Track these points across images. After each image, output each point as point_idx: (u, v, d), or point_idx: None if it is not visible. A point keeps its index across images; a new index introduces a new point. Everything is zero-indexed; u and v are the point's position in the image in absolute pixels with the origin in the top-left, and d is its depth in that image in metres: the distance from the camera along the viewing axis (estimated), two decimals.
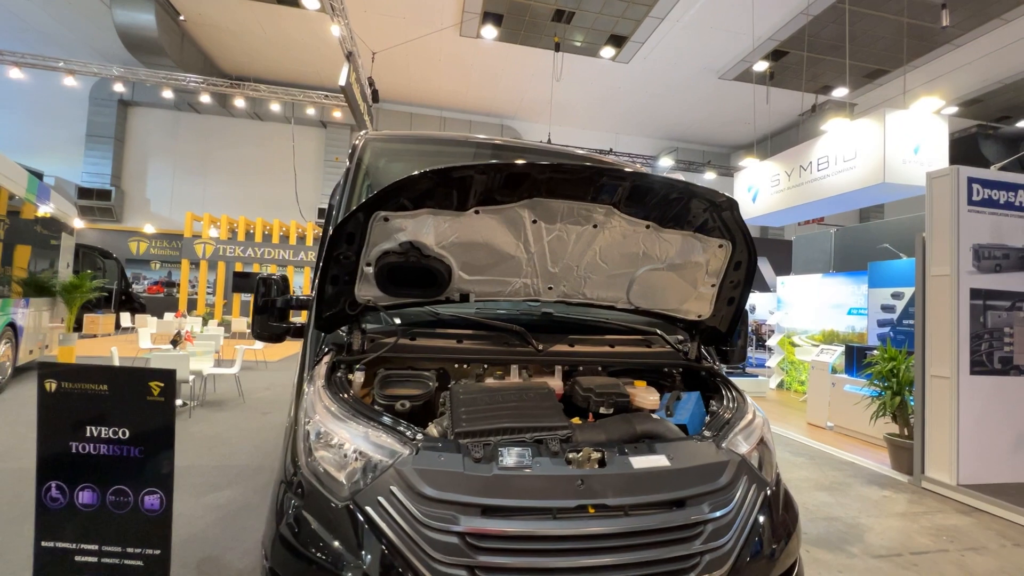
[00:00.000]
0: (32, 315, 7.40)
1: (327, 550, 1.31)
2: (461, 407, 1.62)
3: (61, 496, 1.65)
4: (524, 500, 1.33)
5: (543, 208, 1.69)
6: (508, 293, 1.96)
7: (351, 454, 1.43)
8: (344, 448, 1.44)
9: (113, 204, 18.44)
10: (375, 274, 1.76)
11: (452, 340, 2.01)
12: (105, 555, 1.65)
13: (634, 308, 2.08)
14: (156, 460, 1.64)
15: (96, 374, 1.64)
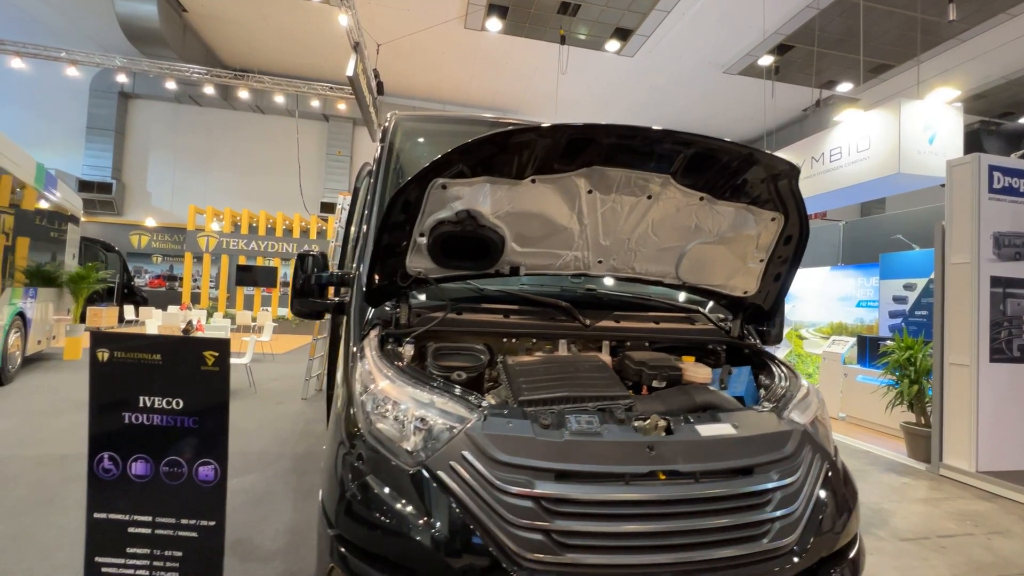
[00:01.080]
0: (40, 306, 7.35)
1: (399, 514, 1.30)
2: (519, 377, 1.61)
3: (114, 467, 1.63)
4: (597, 465, 1.32)
5: (600, 177, 1.68)
6: (558, 266, 1.95)
7: (417, 421, 1.41)
8: (409, 415, 1.43)
9: (114, 197, 18.32)
10: (428, 245, 1.74)
11: (499, 315, 2.00)
12: (159, 526, 1.63)
13: (681, 283, 2.07)
14: (210, 430, 1.62)
15: (149, 343, 1.62)
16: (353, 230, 2.97)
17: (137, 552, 1.63)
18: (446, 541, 1.24)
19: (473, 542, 1.23)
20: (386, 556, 1.30)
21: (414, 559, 1.27)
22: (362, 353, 1.73)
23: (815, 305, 8.93)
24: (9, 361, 6.27)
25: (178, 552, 1.63)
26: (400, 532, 1.28)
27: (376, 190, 2.42)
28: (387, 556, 1.30)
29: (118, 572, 1.63)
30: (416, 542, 1.26)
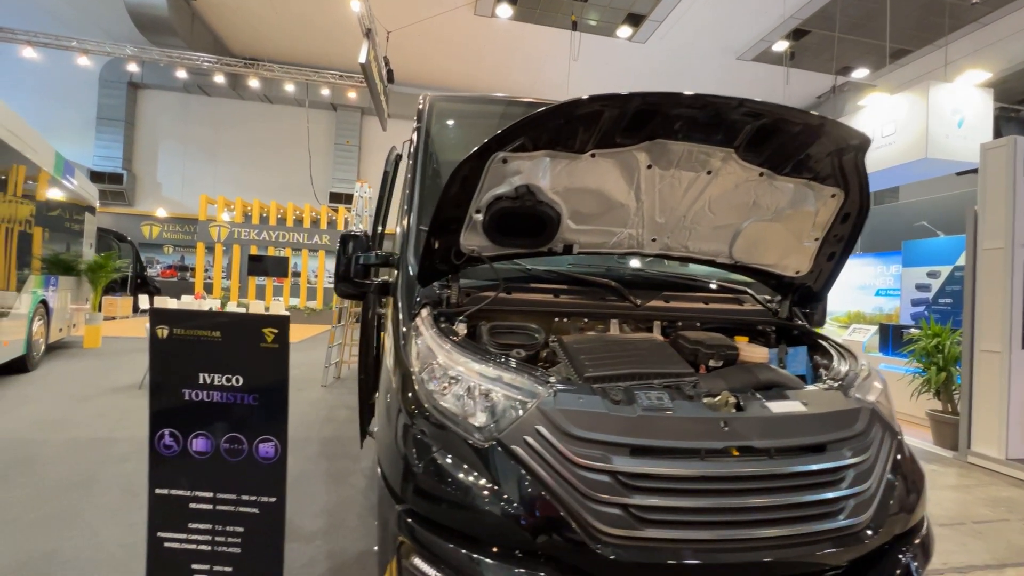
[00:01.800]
0: (60, 294, 7.41)
1: (474, 489, 1.29)
2: (580, 355, 1.59)
3: (175, 443, 1.63)
4: (672, 441, 1.30)
5: (661, 151, 1.64)
6: (611, 244, 1.92)
7: (485, 396, 1.40)
8: (476, 391, 1.42)
9: (125, 188, 18.39)
10: (483, 222, 1.71)
11: (548, 295, 1.98)
12: (220, 502, 1.64)
13: (733, 263, 2.03)
14: (270, 408, 1.62)
15: (208, 320, 1.61)
16: (396, 212, 2.94)
17: (199, 527, 1.64)
18: (524, 515, 1.24)
19: (552, 516, 1.22)
20: (460, 529, 1.30)
21: (491, 532, 1.27)
22: (418, 331, 1.72)
23: (832, 294, 8.84)
24: (34, 348, 6.34)
25: (239, 528, 1.64)
26: (476, 506, 1.28)
27: (417, 170, 2.39)
28: (461, 529, 1.30)
29: (180, 547, 1.64)
30: (493, 516, 1.25)
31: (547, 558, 1.24)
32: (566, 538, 1.21)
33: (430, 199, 2.33)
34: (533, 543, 1.23)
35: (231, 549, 1.64)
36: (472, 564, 1.25)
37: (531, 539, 1.23)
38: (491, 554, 1.25)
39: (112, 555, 2.37)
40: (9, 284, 5.56)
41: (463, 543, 1.30)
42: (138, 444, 3.89)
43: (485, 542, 1.28)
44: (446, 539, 1.31)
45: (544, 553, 1.24)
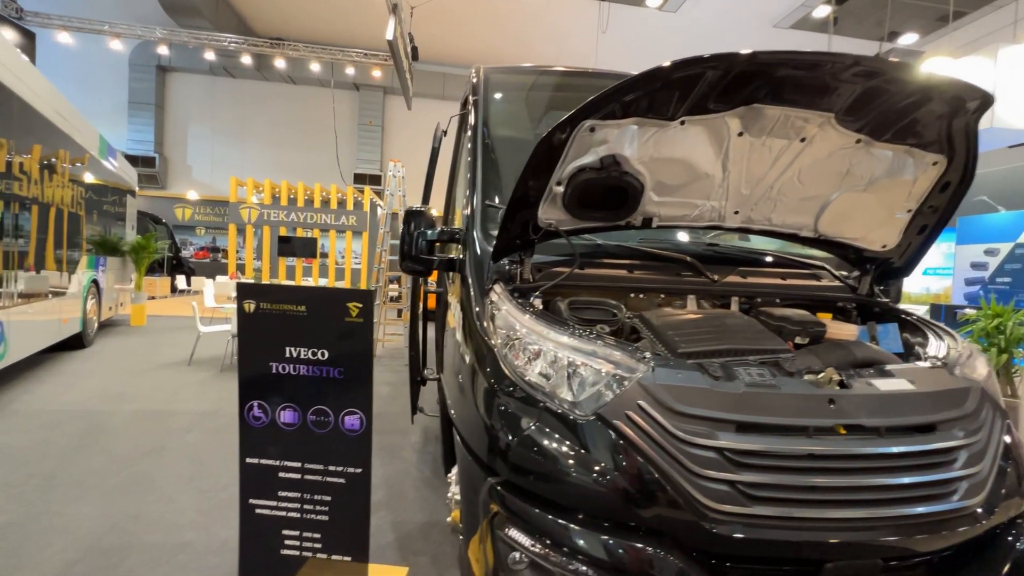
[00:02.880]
0: (108, 275, 7.69)
1: (573, 463, 1.29)
2: (668, 330, 1.56)
3: (263, 415, 1.67)
4: (778, 418, 1.26)
5: (755, 117, 1.56)
6: (692, 218, 1.86)
7: (580, 370, 1.38)
8: (570, 364, 1.40)
9: (157, 171, 18.83)
10: (564, 194, 1.67)
11: (622, 270, 1.94)
12: (308, 472, 1.68)
13: (816, 236, 1.95)
14: (355, 381, 1.64)
15: (294, 295, 1.62)
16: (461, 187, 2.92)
17: (288, 495, 1.69)
18: (630, 490, 1.23)
19: (659, 491, 1.21)
20: (559, 502, 1.30)
21: (593, 505, 1.27)
22: (498, 306, 1.70)
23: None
24: (88, 326, 6.63)
25: (327, 496, 1.68)
26: (578, 480, 1.27)
27: (478, 145, 2.35)
28: (561, 502, 1.30)
29: (271, 513, 1.70)
30: (596, 489, 1.25)
31: (649, 531, 1.24)
32: (674, 513, 1.20)
33: (493, 174, 2.29)
34: (640, 517, 1.22)
35: (319, 517, 1.69)
36: (573, 535, 1.26)
37: (638, 513, 1.22)
38: (591, 525, 1.25)
39: (192, 520, 2.49)
40: (65, 265, 5.78)
41: (561, 514, 1.30)
42: (197, 417, 4.05)
43: (585, 514, 1.28)
44: (544, 510, 1.31)
45: (648, 527, 1.23)
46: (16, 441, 3.39)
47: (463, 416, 1.73)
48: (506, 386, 1.49)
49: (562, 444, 1.32)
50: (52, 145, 5.28)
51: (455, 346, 2.07)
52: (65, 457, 3.17)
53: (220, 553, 2.22)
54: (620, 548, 1.22)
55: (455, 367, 2.01)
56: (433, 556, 2.28)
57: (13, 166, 4.29)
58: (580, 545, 1.25)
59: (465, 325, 1.90)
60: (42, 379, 4.98)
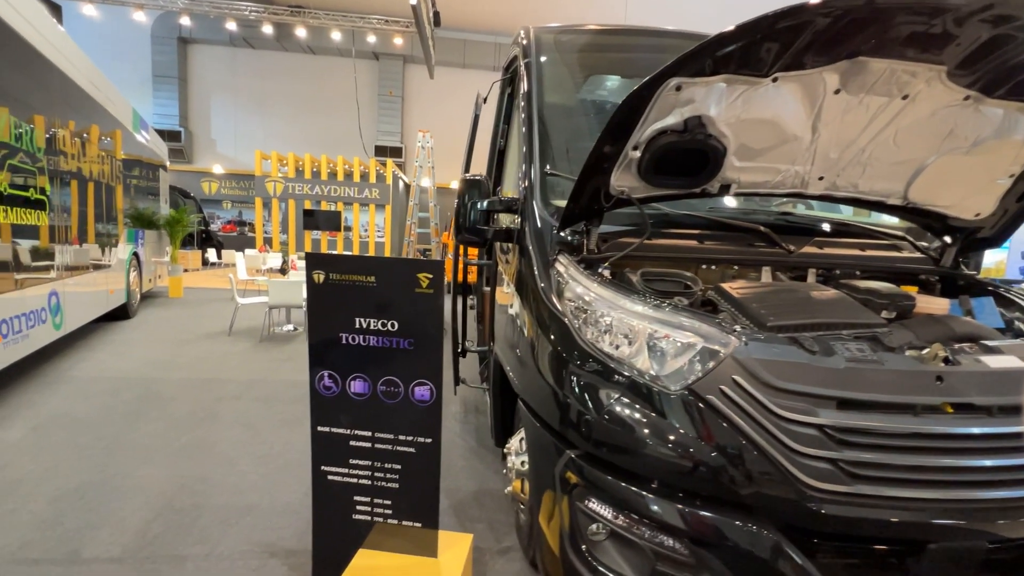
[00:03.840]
0: (147, 247, 7.89)
1: (663, 437, 1.26)
2: (752, 303, 1.48)
3: (334, 385, 1.68)
4: (882, 395, 1.20)
5: (857, 72, 1.43)
6: (773, 184, 1.76)
7: (666, 343, 1.34)
8: (655, 337, 1.36)
9: (183, 145, 19.03)
10: (640, 159, 1.58)
11: (692, 240, 1.86)
12: (379, 441, 1.70)
13: (904, 204, 1.82)
14: (426, 352, 1.63)
15: (364, 265, 1.60)
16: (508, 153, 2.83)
17: (359, 463, 1.72)
18: (725, 466, 1.19)
19: (756, 469, 1.18)
20: (646, 476, 1.28)
21: (684, 481, 1.24)
22: (567, 277, 1.66)
23: None
24: (132, 298, 6.86)
25: (397, 465, 1.70)
26: (667, 455, 1.25)
27: (533, 110, 2.25)
28: (649, 476, 1.28)
29: (342, 480, 1.73)
30: (689, 466, 1.22)
31: (740, 505, 1.21)
32: (772, 489, 1.17)
33: (550, 141, 2.20)
34: (735, 493, 1.19)
35: (389, 484, 1.72)
36: (661, 508, 1.24)
37: (734, 489, 1.19)
38: (679, 499, 1.23)
39: (254, 483, 2.59)
40: (109, 239, 5.94)
41: (645, 487, 1.29)
42: (244, 385, 4.18)
43: (672, 488, 1.26)
44: (627, 483, 1.30)
45: (742, 502, 1.20)
46: (80, 407, 3.55)
47: (531, 389, 1.71)
48: (583, 359, 1.46)
49: (650, 418, 1.28)
50: (91, 118, 5.33)
51: (513, 318, 2.04)
52: (127, 422, 3.31)
53: (285, 515, 2.30)
54: (712, 522, 1.20)
55: (513, 340, 1.99)
56: (489, 523, 2.32)
57: (57, 140, 4.36)
58: (668, 518, 1.23)
59: (528, 297, 1.86)
60: (95, 348, 5.19)
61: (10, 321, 3.55)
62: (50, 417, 3.35)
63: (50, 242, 4.21)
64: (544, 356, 1.64)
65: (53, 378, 4.15)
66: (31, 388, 3.88)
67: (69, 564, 1.90)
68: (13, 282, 3.59)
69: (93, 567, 1.89)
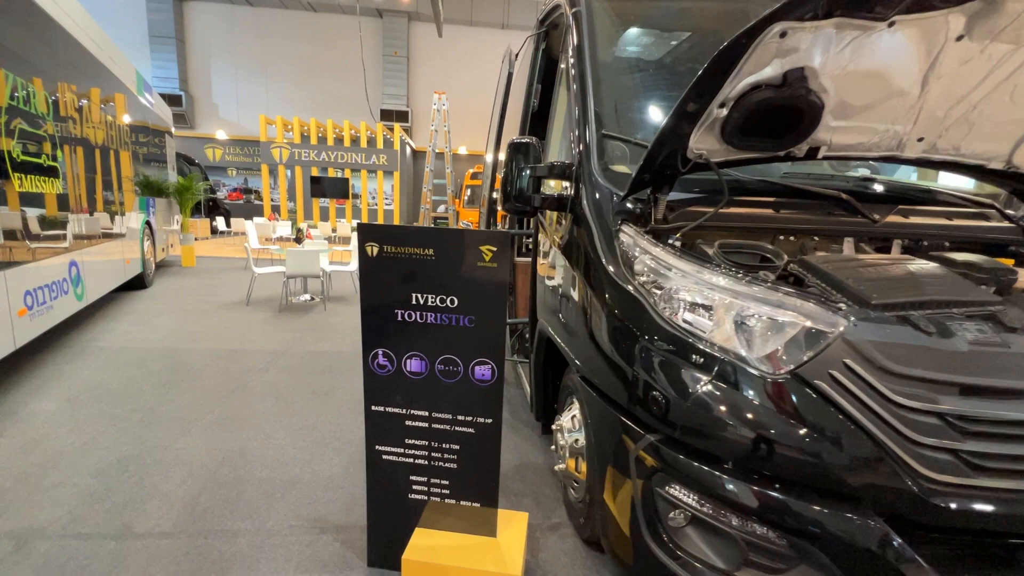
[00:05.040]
0: (158, 216, 7.77)
1: (760, 425, 1.17)
2: (849, 278, 1.36)
3: (388, 364, 1.60)
4: (1011, 380, 1.09)
5: (987, 15, 1.25)
6: (866, 146, 1.60)
7: (760, 323, 1.23)
8: (748, 316, 1.25)
9: (185, 110, 18.56)
10: (726, 118, 1.42)
11: (767, 208, 1.72)
12: (436, 421, 1.64)
13: (1006, 168, 1.66)
14: (488, 330, 1.54)
15: (422, 237, 1.49)
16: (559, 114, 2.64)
17: (415, 443, 1.66)
18: (834, 456, 1.11)
19: (868, 459, 1.09)
20: (742, 465, 1.20)
21: (786, 471, 1.16)
22: (637, 249, 1.54)
23: None
24: (147, 267, 6.80)
25: (455, 445, 1.64)
26: (768, 444, 1.16)
27: (586, 66, 2.06)
28: (744, 465, 1.20)
29: (398, 460, 1.68)
30: (792, 456, 1.14)
31: (844, 495, 1.13)
32: (885, 481, 1.08)
33: (606, 100, 2.03)
34: (844, 484, 1.11)
35: (447, 464, 1.66)
36: (758, 498, 1.16)
37: (842, 480, 1.11)
38: (778, 488, 1.15)
39: (293, 456, 2.57)
40: (121, 207, 5.81)
41: (737, 475, 1.21)
42: (269, 356, 4.15)
43: (770, 476, 1.18)
44: (717, 470, 1.22)
45: (851, 494, 1.12)
46: (110, 378, 3.54)
47: (595, 367, 1.62)
48: (663, 338, 1.36)
49: (747, 405, 1.19)
50: (96, 80, 5.11)
51: (565, 291, 1.93)
52: (158, 393, 3.30)
53: (329, 489, 2.29)
54: (816, 514, 1.12)
55: (567, 314, 1.89)
56: (535, 497, 2.30)
57: (64, 103, 4.17)
58: (765, 508, 1.16)
59: (586, 269, 1.75)
60: (116, 318, 5.17)
61: (35, 292, 3.49)
62: (82, 388, 3.34)
63: (65, 211, 4.10)
64: (612, 333, 1.54)
65: (80, 349, 4.14)
66: (60, 359, 3.87)
67: (122, 538, 1.89)
68: (34, 252, 3.51)
69: (147, 542, 1.88)
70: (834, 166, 2.02)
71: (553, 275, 2.15)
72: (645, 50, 2.30)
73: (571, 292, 1.88)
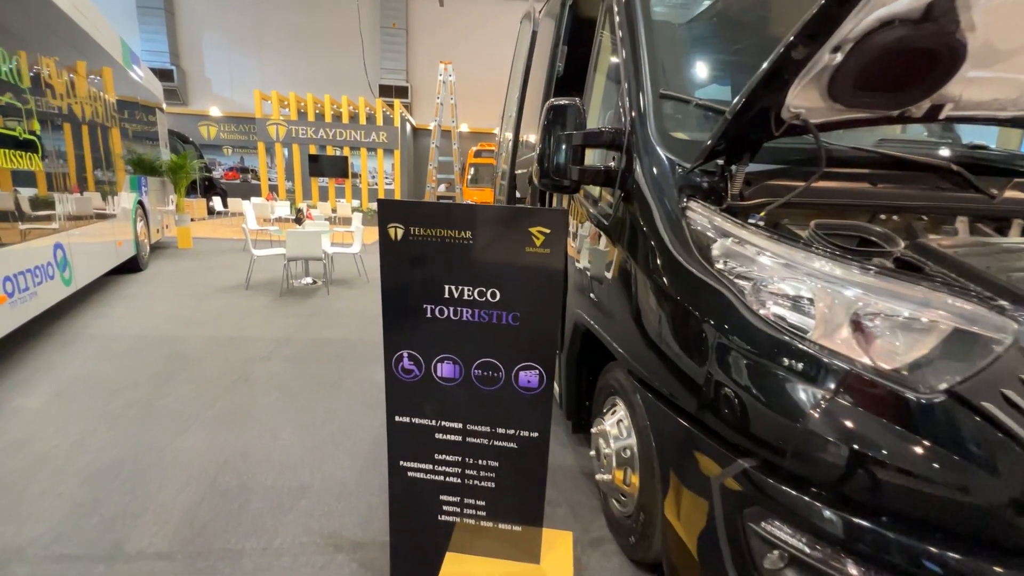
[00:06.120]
0: (151, 196, 7.44)
1: (906, 458, 0.92)
2: (990, 269, 1.10)
3: (415, 368, 1.35)
4: None
5: None
6: (1001, 103, 1.31)
7: (900, 325, 0.97)
8: (877, 316, 0.99)
9: (177, 85, 17.95)
10: (838, 67, 1.14)
11: (863, 182, 1.44)
12: (471, 434, 1.40)
13: None
14: (536, 329, 1.28)
15: (458, 217, 1.22)
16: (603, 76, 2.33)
17: (446, 459, 1.43)
18: (1010, 500, 0.86)
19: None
20: (878, 506, 0.96)
21: (943, 517, 0.91)
22: (718, 229, 1.27)
23: None
24: (141, 249, 6.51)
25: (493, 462, 1.41)
26: (919, 482, 0.91)
27: (636, 12, 1.75)
28: (882, 507, 0.95)
29: (426, 477, 1.45)
30: (951, 499, 0.89)
31: (1018, 552, 0.89)
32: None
33: (662, 54, 1.72)
34: (1021, 536, 0.87)
35: (484, 483, 1.43)
36: (916, 551, 0.91)
37: (1020, 530, 0.86)
38: (942, 542, 0.90)
39: (301, 458, 2.35)
40: (110, 186, 5.49)
41: (866, 516, 0.97)
42: (271, 344, 3.91)
43: (920, 524, 0.93)
44: (850, 514, 0.97)
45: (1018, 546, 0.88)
46: (104, 368, 3.31)
47: (658, 370, 1.37)
48: (760, 341, 1.10)
49: (886, 430, 0.94)
50: (77, 48, 4.72)
51: (613, 280, 1.67)
52: (155, 385, 3.07)
53: (342, 498, 2.07)
54: (978, 569, 0.89)
55: (621, 306, 1.63)
56: (570, 506, 2.08)
57: (44, 74, 3.82)
58: (909, 559, 0.92)
59: (643, 254, 1.48)
60: (110, 304, 4.92)
61: (15, 278, 3.22)
62: (72, 380, 3.11)
63: (47, 189, 3.80)
64: (682, 330, 1.29)
65: (71, 337, 3.90)
66: (49, 348, 3.63)
67: (112, 560, 1.68)
68: (14, 233, 3.23)
69: (140, 565, 1.67)
70: (933, 130, 1.73)
71: (593, 260, 1.88)
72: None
73: (619, 280, 1.62)
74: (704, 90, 1.79)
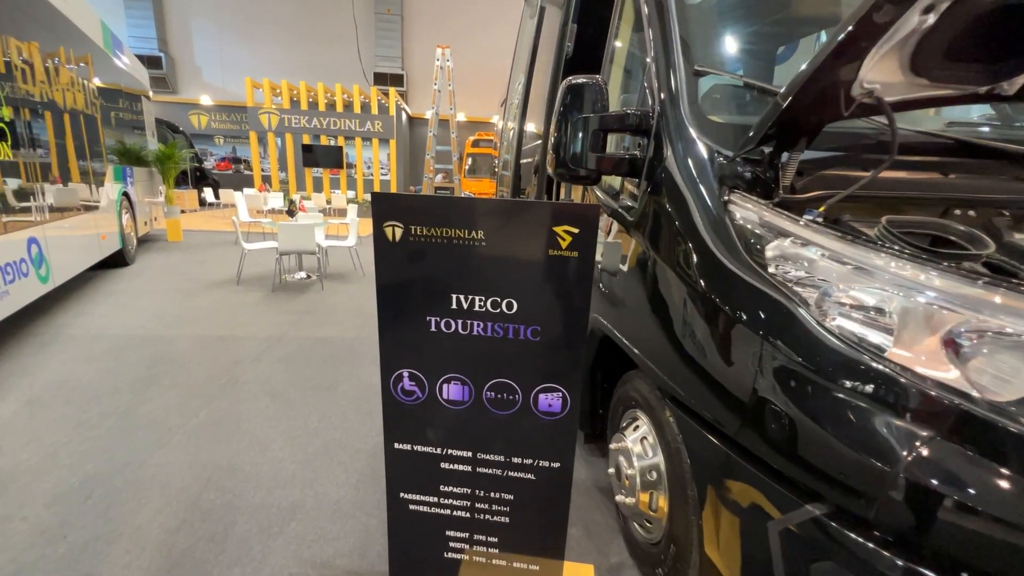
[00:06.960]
0: (138, 187, 7.17)
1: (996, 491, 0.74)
2: None
3: (417, 389, 1.17)
4: None
5: None
6: None
7: (1012, 344, 0.79)
8: (984, 333, 0.81)
9: (166, 73, 17.48)
10: (928, 32, 0.94)
11: (933, 172, 1.25)
12: (481, 464, 1.22)
13: None
14: (558, 346, 1.09)
15: (468, 213, 1.02)
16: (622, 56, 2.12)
17: (453, 491, 1.24)
18: None
19: None
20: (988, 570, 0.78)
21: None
22: (771, 227, 1.08)
23: None
24: (127, 242, 6.27)
25: (508, 495, 1.23)
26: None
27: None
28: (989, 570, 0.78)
29: (430, 511, 1.26)
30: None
31: None
32: None
33: (695, 27, 1.52)
34: None
35: (496, 518, 1.25)
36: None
37: None
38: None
39: (293, 474, 2.17)
40: (92, 177, 5.24)
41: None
42: (263, 343, 3.72)
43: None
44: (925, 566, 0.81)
45: None
46: (82, 372, 3.10)
47: (695, 388, 1.19)
48: (835, 362, 0.92)
49: (993, 472, 0.77)
50: (53, 31, 4.45)
51: (639, 282, 1.48)
52: (137, 391, 2.88)
53: (336, 519, 1.89)
54: None
55: (647, 312, 1.44)
56: (585, 526, 1.91)
57: (12, 59, 3.56)
58: None
59: (677, 254, 1.29)
60: (93, 300, 4.70)
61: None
62: (47, 386, 2.91)
63: (20, 180, 3.56)
64: (732, 346, 1.11)
65: (49, 337, 3.69)
66: (25, 350, 3.43)
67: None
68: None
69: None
70: (1005, 112, 1.54)
71: (613, 258, 1.69)
72: None
73: (646, 283, 1.43)
74: (744, 66, 1.59)
